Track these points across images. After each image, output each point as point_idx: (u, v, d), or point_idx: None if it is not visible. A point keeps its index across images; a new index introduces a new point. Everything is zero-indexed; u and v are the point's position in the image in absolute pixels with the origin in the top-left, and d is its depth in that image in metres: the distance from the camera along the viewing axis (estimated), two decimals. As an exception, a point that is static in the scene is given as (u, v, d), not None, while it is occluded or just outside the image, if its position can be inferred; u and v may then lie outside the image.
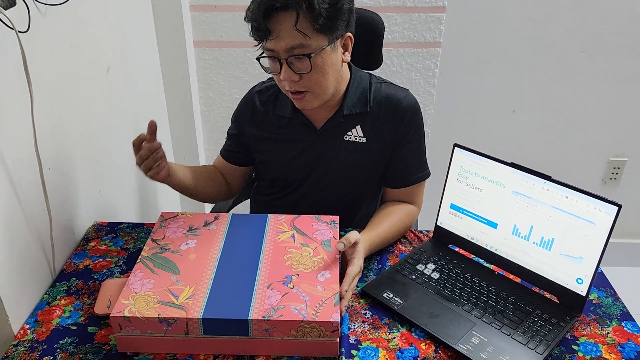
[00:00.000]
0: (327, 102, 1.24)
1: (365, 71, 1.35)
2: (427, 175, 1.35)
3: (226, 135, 1.45)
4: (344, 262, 1.15)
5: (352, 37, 1.20)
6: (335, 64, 1.18)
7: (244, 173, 1.46)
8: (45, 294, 1.16)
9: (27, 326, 1.07)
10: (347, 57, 1.21)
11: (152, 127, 1.13)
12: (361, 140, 1.28)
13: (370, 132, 1.28)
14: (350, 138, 1.28)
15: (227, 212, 1.62)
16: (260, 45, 1.15)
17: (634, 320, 1.11)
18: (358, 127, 1.28)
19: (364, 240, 1.17)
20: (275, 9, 1.08)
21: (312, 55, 1.12)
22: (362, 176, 1.33)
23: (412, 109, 1.28)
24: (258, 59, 1.17)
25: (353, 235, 1.13)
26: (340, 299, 1.03)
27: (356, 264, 1.11)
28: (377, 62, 1.51)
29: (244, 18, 1.14)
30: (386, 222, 1.28)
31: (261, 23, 1.10)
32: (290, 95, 1.21)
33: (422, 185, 1.36)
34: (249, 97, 1.37)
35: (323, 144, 1.30)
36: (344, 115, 1.27)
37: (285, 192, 1.40)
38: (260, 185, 1.48)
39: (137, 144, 1.15)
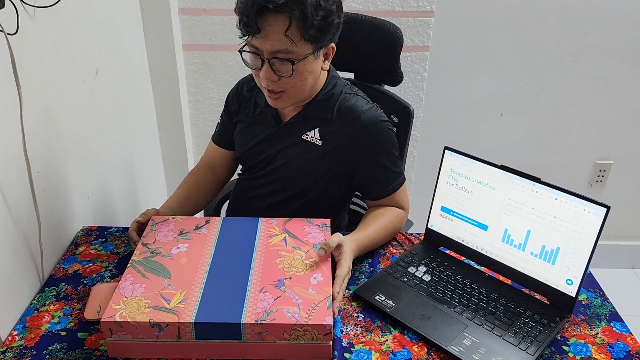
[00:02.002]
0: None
1: (348, 80, 1.37)
2: (402, 182, 1.35)
3: (218, 120, 1.49)
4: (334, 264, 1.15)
5: (335, 48, 1.23)
6: (315, 71, 1.21)
7: (233, 158, 1.49)
8: (34, 299, 1.15)
9: (16, 332, 1.06)
10: (327, 65, 1.25)
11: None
12: (317, 142, 1.30)
13: (327, 137, 1.30)
14: (307, 138, 1.31)
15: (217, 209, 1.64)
16: (245, 39, 1.17)
17: (622, 321, 1.12)
18: (317, 130, 1.30)
19: (351, 240, 1.18)
20: (269, 9, 1.09)
21: (295, 61, 1.14)
22: (317, 177, 1.33)
23: (370, 124, 1.27)
24: (240, 51, 1.19)
25: (334, 238, 1.14)
26: (333, 300, 1.03)
27: (344, 265, 1.11)
28: (397, 77, 1.50)
29: (234, 9, 1.15)
30: (375, 224, 1.28)
31: (252, 19, 1.10)
32: (265, 93, 1.24)
33: (401, 190, 1.35)
34: (242, 82, 1.43)
35: (283, 137, 1.34)
36: (305, 116, 1.30)
37: (250, 175, 1.43)
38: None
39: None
